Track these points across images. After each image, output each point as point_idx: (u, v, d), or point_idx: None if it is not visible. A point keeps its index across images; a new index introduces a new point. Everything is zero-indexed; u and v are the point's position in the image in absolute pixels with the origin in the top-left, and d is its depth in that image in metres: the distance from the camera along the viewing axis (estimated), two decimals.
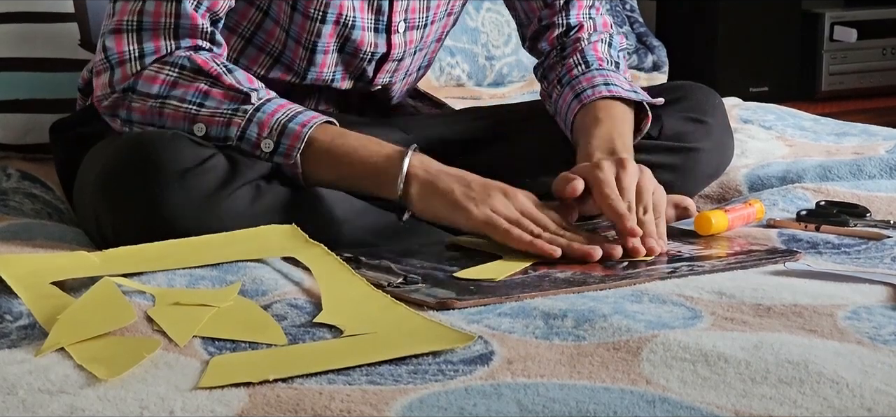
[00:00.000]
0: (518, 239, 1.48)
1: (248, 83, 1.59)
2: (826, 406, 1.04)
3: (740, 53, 3.23)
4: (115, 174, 1.51)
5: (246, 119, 1.55)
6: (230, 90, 1.57)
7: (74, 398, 1.05)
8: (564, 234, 1.50)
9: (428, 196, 1.53)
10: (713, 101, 1.85)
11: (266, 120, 1.55)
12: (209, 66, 1.58)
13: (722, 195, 1.87)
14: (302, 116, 1.56)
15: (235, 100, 1.56)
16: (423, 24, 1.81)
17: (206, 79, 1.58)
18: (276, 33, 1.73)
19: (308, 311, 1.29)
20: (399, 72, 1.84)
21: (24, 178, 1.90)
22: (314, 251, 1.44)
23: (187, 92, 1.57)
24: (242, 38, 1.74)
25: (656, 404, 1.04)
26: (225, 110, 1.56)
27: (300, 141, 1.54)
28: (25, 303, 1.26)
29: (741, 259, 1.47)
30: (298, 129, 1.54)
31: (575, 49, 1.81)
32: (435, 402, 1.05)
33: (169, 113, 1.57)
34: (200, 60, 1.59)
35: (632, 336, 1.20)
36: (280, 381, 1.09)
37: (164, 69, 1.59)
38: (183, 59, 1.59)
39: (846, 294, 1.34)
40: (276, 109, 1.56)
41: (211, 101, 1.57)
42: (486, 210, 1.50)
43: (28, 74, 2.06)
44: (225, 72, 1.59)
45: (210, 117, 1.56)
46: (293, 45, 1.73)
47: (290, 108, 1.57)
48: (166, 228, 1.46)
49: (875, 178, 1.87)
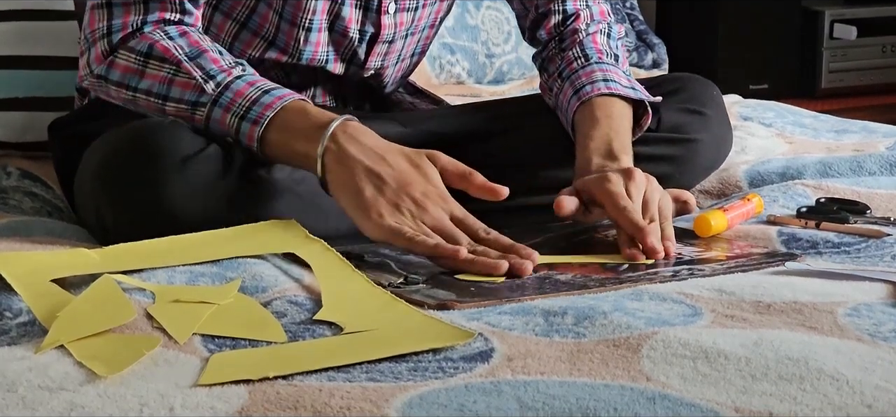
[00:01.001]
0: (422, 245, 1.42)
1: (211, 65, 1.57)
2: (826, 402, 1.04)
3: (740, 51, 3.23)
4: (115, 163, 1.51)
5: (206, 115, 1.55)
6: (189, 78, 1.57)
7: (74, 395, 1.05)
8: (476, 248, 1.44)
9: (339, 186, 1.48)
10: (711, 93, 1.85)
11: (222, 117, 1.54)
12: (170, 52, 1.58)
13: (722, 191, 1.87)
14: (255, 110, 1.53)
15: (194, 91, 1.56)
16: (414, 7, 1.81)
17: (167, 66, 1.58)
18: (270, 16, 1.73)
19: (308, 308, 1.29)
20: (391, 55, 1.83)
21: (23, 177, 1.90)
22: (314, 247, 1.44)
23: (153, 83, 1.59)
24: (237, 22, 1.74)
25: (656, 401, 1.04)
26: (187, 102, 1.56)
27: (255, 142, 1.53)
28: (25, 301, 1.26)
29: (741, 262, 1.47)
30: (251, 130, 1.53)
31: (574, 41, 1.81)
32: (435, 399, 1.04)
33: (142, 103, 1.60)
34: (162, 46, 1.59)
35: (632, 333, 1.19)
36: (280, 378, 1.09)
37: (130, 57, 1.60)
38: (146, 46, 1.59)
39: (846, 291, 1.34)
40: (231, 101, 1.54)
41: (174, 92, 1.57)
42: (390, 221, 1.43)
43: (28, 72, 2.06)
44: (186, 58, 1.58)
45: (176, 110, 1.57)
46: (286, 27, 1.73)
47: (243, 99, 1.54)
48: (166, 216, 1.47)
49: (875, 175, 1.87)
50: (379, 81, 1.87)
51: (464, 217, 1.47)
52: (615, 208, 1.53)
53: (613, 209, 1.53)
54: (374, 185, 1.46)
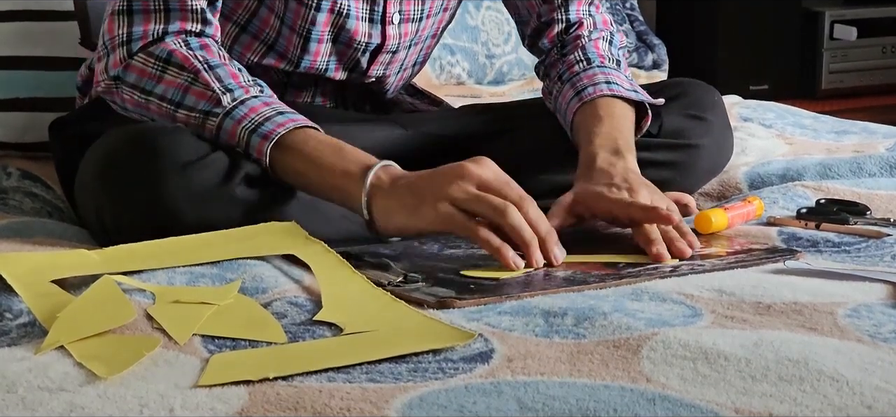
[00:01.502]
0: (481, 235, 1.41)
1: (229, 79, 1.57)
2: (826, 403, 1.04)
3: (740, 51, 3.23)
4: (117, 164, 1.51)
5: (216, 125, 1.55)
6: (206, 88, 1.56)
7: (74, 396, 1.05)
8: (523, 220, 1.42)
9: (388, 213, 1.47)
10: (712, 98, 1.86)
11: (233, 128, 1.54)
12: (190, 61, 1.58)
13: (722, 192, 1.87)
14: (267, 126, 1.52)
15: (209, 102, 1.56)
16: (418, 18, 1.81)
17: (186, 74, 1.58)
18: (271, 21, 1.73)
19: (308, 309, 1.29)
20: (393, 64, 1.83)
21: (24, 177, 1.90)
22: (314, 248, 1.44)
23: (168, 89, 1.58)
24: (237, 25, 1.74)
25: (656, 402, 1.04)
26: (200, 111, 1.56)
27: (264, 156, 1.52)
28: (25, 301, 1.26)
29: (741, 258, 1.47)
30: (260, 144, 1.52)
31: (576, 46, 1.81)
32: (435, 400, 1.04)
33: (154, 108, 1.59)
34: (181, 55, 1.59)
35: (632, 334, 1.19)
36: (280, 379, 1.09)
37: (149, 61, 1.60)
38: (166, 52, 1.59)
39: (846, 292, 1.34)
40: (244, 116, 1.54)
41: (189, 100, 1.57)
42: (442, 206, 1.43)
43: (28, 73, 2.06)
44: (205, 69, 1.58)
45: (187, 118, 1.57)
46: (287, 32, 1.73)
47: (257, 115, 1.54)
48: (167, 219, 1.47)
49: (875, 176, 1.87)
50: (380, 87, 1.87)
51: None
52: (624, 208, 1.51)
53: (622, 210, 1.51)
54: (412, 191, 1.45)
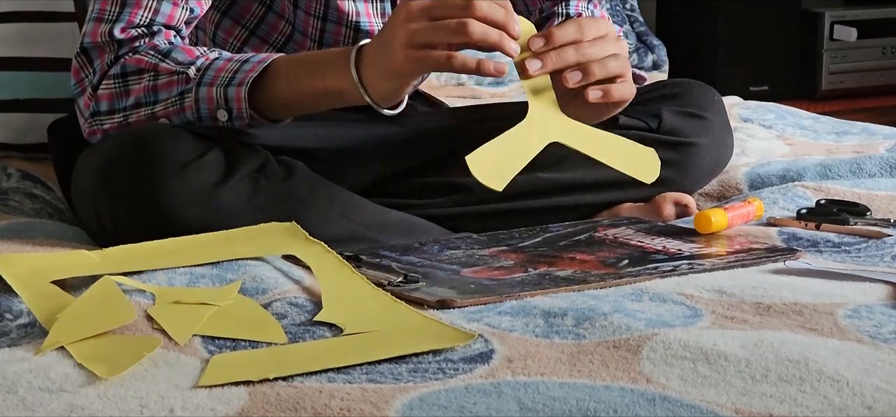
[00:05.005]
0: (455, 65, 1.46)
1: (185, 56, 1.57)
2: (826, 404, 1.04)
3: (740, 52, 3.23)
4: (115, 165, 1.51)
5: (193, 99, 1.55)
6: (170, 75, 1.56)
7: (74, 396, 1.06)
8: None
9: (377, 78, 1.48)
10: (712, 98, 1.86)
11: (208, 94, 1.54)
12: (144, 62, 1.58)
13: (722, 193, 1.87)
14: (238, 76, 1.53)
15: (179, 84, 1.56)
16: None
17: (147, 75, 1.58)
18: (280, 26, 1.73)
19: (308, 310, 1.29)
20: None
21: (24, 178, 1.90)
22: (314, 249, 1.44)
23: (139, 96, 1.58)
24: (246, 28, 1.74)
25: (656, 402, 1.04)
26: (175, 98, 1.56)
27: (243, 101, 1.52)
28: (25, 302, 1.26)
29: (741, 257, 1.47)
30: (237, 92, 1.52)
31: None
32: (435, 400, 1.04)
33: (135, 121, 1.59)
34: (133, 61, 1.59)
35: (632, 334, 1.20)
36: (280, 380, 1.09)
37: (109, 84, 1.60)
38: (119, 69, 1.59)
39: (846, 292, 1.34)
40: (214, 78, 1.54)
41: (161, 94, 1.57)
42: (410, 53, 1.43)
43: (28, 74, 2.06)
44: (160, 59, 1.58)
45: (166, 111, 1.57)
46: (300, 37, 1.73)
47: (226, 72, 1.54)
48: (166, 219, 1.47)
49: (875, 177, 1.87)
50: None
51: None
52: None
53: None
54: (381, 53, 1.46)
